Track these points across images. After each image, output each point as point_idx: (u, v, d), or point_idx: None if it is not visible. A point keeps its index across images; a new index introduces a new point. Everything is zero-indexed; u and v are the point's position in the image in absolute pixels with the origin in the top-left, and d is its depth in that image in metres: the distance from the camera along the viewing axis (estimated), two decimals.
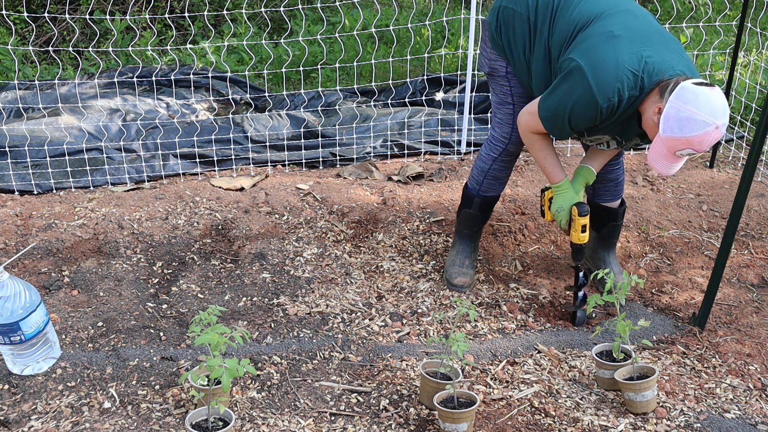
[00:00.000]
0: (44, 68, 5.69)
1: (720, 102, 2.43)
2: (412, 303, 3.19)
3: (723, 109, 2.43)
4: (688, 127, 2.43)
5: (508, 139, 3.08)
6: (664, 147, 2.52)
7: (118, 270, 3.28)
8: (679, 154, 2.51)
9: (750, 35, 6.04)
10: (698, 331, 3.02)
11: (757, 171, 4.23)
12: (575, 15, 2.70)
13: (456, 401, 2.45)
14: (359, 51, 5.23)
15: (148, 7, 6.35)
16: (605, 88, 2.54)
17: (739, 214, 2.78)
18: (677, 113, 2.44)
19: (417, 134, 4.65)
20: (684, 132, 2.44)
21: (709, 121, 2.40)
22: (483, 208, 3.30)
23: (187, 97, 5.05)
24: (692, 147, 2.47)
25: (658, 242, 3.65)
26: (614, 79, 2.53)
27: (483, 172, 3.20)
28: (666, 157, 2.54)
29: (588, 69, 2.56)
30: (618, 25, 2.61)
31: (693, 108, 2.41)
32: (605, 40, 2.58)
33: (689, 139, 2.44)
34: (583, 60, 2.57)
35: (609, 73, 2.53)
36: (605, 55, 2.55)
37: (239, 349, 2.80)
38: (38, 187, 3.99)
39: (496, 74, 3.02)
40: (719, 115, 2.41)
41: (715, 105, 2.41)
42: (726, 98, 4.17)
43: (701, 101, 2.41)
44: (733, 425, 2.51)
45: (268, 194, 3.94)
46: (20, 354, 2.62)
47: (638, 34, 2.59)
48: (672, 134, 2.46)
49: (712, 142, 2.46)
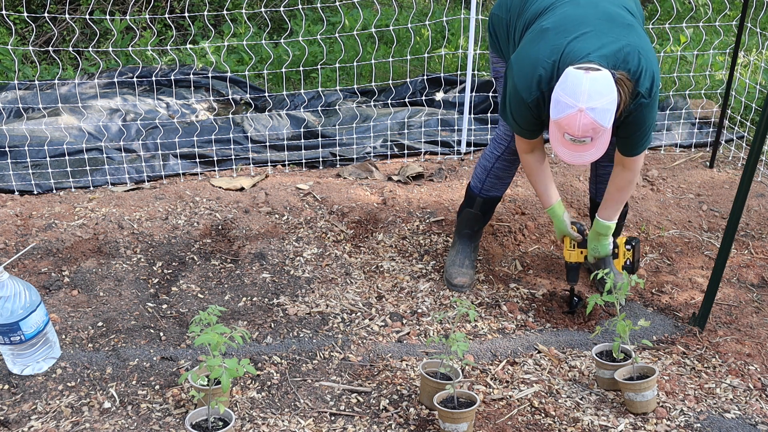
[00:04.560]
0: (44, 68, 5.69)
1: (587, 85, 2.35)
2: (412, 303, 3.19)
3: (589, 92, 2.35)
4: (556, 110, 2.43)
5: (510, 137, 3.10)
6: (555, 131, 2.51)
7: (118, 270, 3.28)
8: (567, 139, 2.47)
9: (750, 35, 6.04)
10: (698, 331, 3.02)
11: (757, 171, 4.23)
12: (528, 14, 2.75)
13: (456, 401, 2.45)
14: (359, 51, 5.23)
15: (148, 7, 6.35)
16: (525, 83, 2.58)
17: (739, 214, 2.78)
18: (554, 96, 2.44)
19: (417, 134, 4.64)
20: (555, 113, 2.44)
21: (571, 104, 2.37)
22: (484, 209, 3.30)
23: (187, 97, 5.05)
24: (565, 130, 2.43)
25: (658, 242, 3.65)
26: (532, 72, 2.56)
27: (486, 170, 3.21)
28: (562, 143, 2.51)
29: (515, 66, 2.63)
30: (554, 17, 2.62)
31: (560, 90, 2.41)
32: (535, 36, 2.62)
33: (558, 121, 2.43)
34: (514, 58, 2.65)
35: (528, 67, 2.57)
36: (529, 51, 2.60)
37: (239, 349, 2.80)
38: (38, 187, 3.99)
39: (498, 76, 3.10)
40: (582, 97, 2.35)
41: (579, 88, 2.36)
42: (727, 98, 4.22)
43: (568, 83, 2.39)
44: (733, 425, 2.51)
45: (268, 194, 3.94)
46: (20, 354, 2.62)
47: (572, 24, 2.57)
48: (553, 117, 2.46)
49: (582, 126, 2.39)
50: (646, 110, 2.59)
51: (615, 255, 3.07)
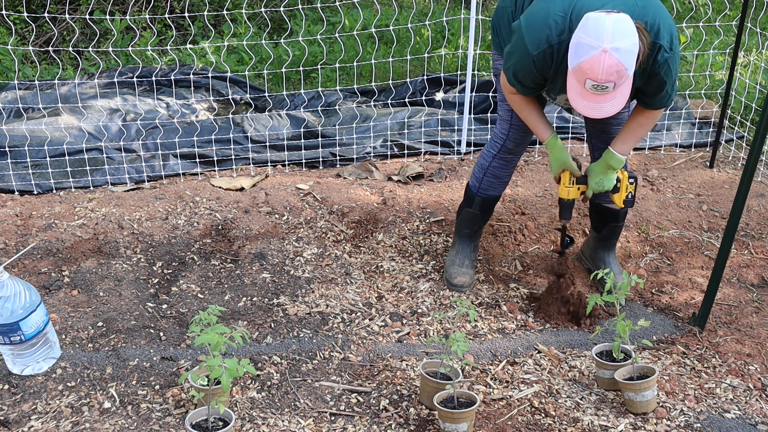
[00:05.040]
0: (44, 68, 5.69)
1: (610, 25, 2.33)
2: (412, 303, 3.19)
3: (613, 31, 2.32)
4: (577, 53, 2.38)
5: (506, 136, 3.09)
6: (574, 81, 2.47)
7: (118, 270, 3.28)
8: (588, 88, 2.42)
9: (750, 35, 6.04)
10: (698, 331, 3.02)
11: (757, 171, 4.23)
12: None
13: (456, 401, 2.45)
14: (359, 51, 5.23)
15: (148, 7, 6.34)
16: (534, 36, 2.55)
17: (739, 214, 2.78)
18: (573, 41, 2.40)
19: (417, 134, 4.64)
20: (576, 59, 2.39)
21: (595, 44, 2.33)
22: (483, 208, 3.30)
23: (187, 97, 5.05)
24: (587, 75, 2.38)
25: (658, 242, 3.65)
26: (542, 26, 2.53)
27: (483, 169, 3.22)
28: (581, 95, 2.47)
29: (523, 22, 2.60)
30: None
31: (581, 33, 2.37)
32: None
33: (580, 65, 2.38)
34: (523, 16, 2.63)
35: (538, 21, 2.55)
36: (539, 7, 2.59)
37: (239, 349, 2.80)
38: (38, 187, 3.99)
39: (499, 73, 3.07)
40: (606, 37, 2.32)
41: (603, 28, 2.33)
42: (727, 98, 4.23)
43: (589, 25, 2.36)
44: (733, 425, 2.51)
45: (268, 194, 3.94)
46: (20, 354, 2.62)
47: None
48: (572, 65, 2.42)
49: (606, 69, 2.35)
50: (671, 63, 2.57)
51: (616, 189, 2.94)
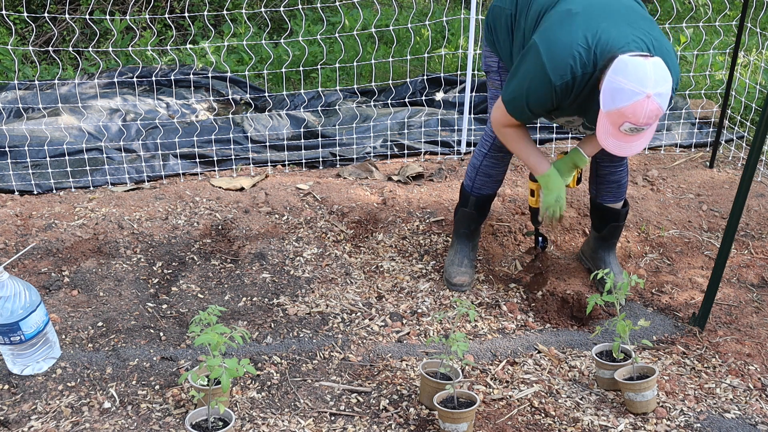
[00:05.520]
0: (44, 68, 5.69)
1: (651, 70, 2.36)
2: (412, 303, 3.19)
3: (656, 77, 2.36)
4: (618, 98, 2.40)
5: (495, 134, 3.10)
6: (607, 123, 2.48)
7: (118, 270, 3.28)
8: (623, 130, 2.45)
9: (750, 35, 6.04)
10: (698, 331, 3.02)
11: (757, 171, 4.23)
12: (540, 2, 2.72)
13: (456, 401, 2.45)
14: (359, 51, 5.23)
15: (148, 7, 6.34)
16: (558, 66, 2.53)
17: (739, 214, 2.78)
18: (610, 85, 2.41)
19: (417, 134, 4.64)
20: (616, 103, 2.40)
21: (638, 90, 2.35)
22: (479, 207, 3.30)
23: (187, 97, 5.05)
24: (628, 119, 2.41)
25: (658, 242, 3.65)
26: (567, 55, 2.51)
27: (475, 168, 3.23)
28: (614, 135, 2.49)
29: (542, 47, 2.56)
30: (578, 3, 2.60)
31: (622, 78, 2.38)
32: (563, 18, 2.58)
33: (622, 110, 2.40)
34: (540, 40, 2.58)
35: (562, 50, 2.52)
36: (560, 33, 2.54)
37: (239, 349, 2.80)
38: (38, 187, 3.99)
39: (491, 70, 3.08)
40: (649, 83, 2.35)
41: (644, 73, 2.35)
42: (727, 98, 4.22)
43: (629, 70, 2.37)
44: (733, 425, 2.51)
45: (268, 194, 3.94)
46: (20, 354, 2.62)
47: (598, 10, 2.56)
48: (608, 108, 2.43)
49: (648, 113, 2.38)
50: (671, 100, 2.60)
51: None
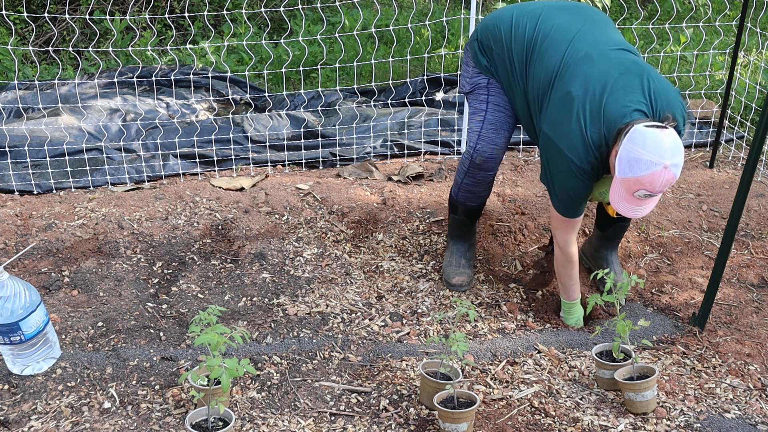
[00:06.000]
0: (44, 68, 5.69)
1: (668, 142, 2.46)
2: (412, 303, 3.19)
3: (672, 149, 2.45)
4: (637, 168, 2.48)
5: (473, 149, 3.10)
6: (622, 189, 2.58)
7: (118, 270, 3.28)
8: (637, 195, 2.55)
9: (750, 35, 6.04)
10: (698, 331, 3.02)
11: (757, 171, 4.23)
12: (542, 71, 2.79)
13: (456, 401, 2.45)
14: (359, 51, 5.23)
15: (148, 7, 6.35)
16: (579, 154, 2.65)
17: (739, 214, 2.78)
18: (627, 154, 2.50)
19: (417, 134, 4.64)
20: (634, 172, 2.49)
21: (656, 161, 2.45)
22: (469, 215, 3.33)
23: (187, 97, 5.05)
24: (644, 187, 2.51)
25: (658, 242, 3.65)
26: (584, 143, 2.64)
27: (458, 184, 3.26)
28: (627, 199, 2.59)
29: (561, 143, 2.68)
30: (576, 80, 2.68)
31: (640, 148, 2.47)
32: (565, 104, 2.67)
33: (639, 179, 2.49)
34: (553, 134, 2.70)
35: (575, 140, 2.65)
36: (570, 125, 2.65)
37: (239, 349, 2.80)
38: (38, 187, 3.99)
39: (478, 87, 3.08)
40: (667, 154, 2.44)
41: (662, 145, 2.45)
42: (727, 98, 4.22)
43: (648, 142, 2.46)
44: (733, 425, 2.51)
45: (268, 194, 3.94)
46: (20, 354, 2.62)
47: (595, 84, 2.65)
48: (624, 175, 2.53)
49: (664, 182, 2.49)
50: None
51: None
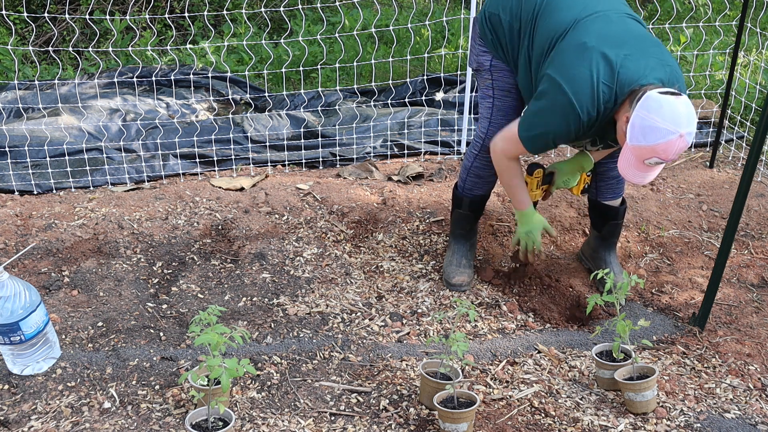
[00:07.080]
0: (44, 68, 5.69)
1: (684, 110, 2.45)
2: (412, 303, 3.19)
3: (687, 117, 2.45)
4: (651, 136, 2.47)
5: (485, 134, 3.10)
6: (632, 156, 2.57)
7: (118, 270, 3.28)
8: (648, 163, 2.55)
9: (750, 35, 6.04)
10: (698, 331, 3.02)
11: (757, 171, 4.23)
12: (551, 25, 2.74)
13: (456, 401, 2.45)
14: (359, 51, 5.23)
15: (148, 7, 6.35)
16: (585, 102, 2.60)
17: (739, 214, 2.78)
18: (642, 122, 2.48)
19: (417, 134, 4.64)
20: (648, 140, 2.48)
21: (672, 129, 2.43)
22: (473, 208, 3.31)
23: (187, 97, 5.05)
24: (658, 155, 2.50)
25: (658, 242, 3.65)
26: (592, 93, 2.59)
27: (466, 169, 3.25)
28: (636, 167, 2.59)
29: (566, 85, 2.61)
30: (591, 33, 2.63)
31: (656, 116, 2.45)
32: (579, 52, 2.61)
33: (653, 147, 2.48)
34: (560, 76, 2.63)
35: (586, 87, 2.58)
36: (580, 70, 2.60)
37: (239, 349, 2.80)
38: (38, 187, 3.99)
39: (482, 68, 3.06)
40: (683, 123, 2.44)
41: (678, 113, 2.44)
42: (727, 98, 4.22)
43: (664, 110, 2.45)
44: (733, 425, 2.51)
45: (268, 194, 3.94)
46: (20, 354, 2.62)
47: (612, 42, 2.61)
48: (638, 143, 2.51)
49: (677, 150, 2.48)
50: None
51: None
